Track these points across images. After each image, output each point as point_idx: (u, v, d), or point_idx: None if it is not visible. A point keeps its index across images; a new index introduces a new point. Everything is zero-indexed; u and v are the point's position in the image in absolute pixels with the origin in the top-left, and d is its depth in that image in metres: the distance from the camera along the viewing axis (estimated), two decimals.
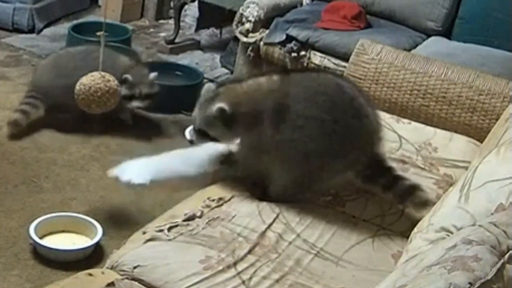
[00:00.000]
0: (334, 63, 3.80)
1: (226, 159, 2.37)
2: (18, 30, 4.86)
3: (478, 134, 2.65)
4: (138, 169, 2.40)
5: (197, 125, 2.31)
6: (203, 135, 2.31)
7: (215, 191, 2.30)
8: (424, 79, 2.78)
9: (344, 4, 4.13)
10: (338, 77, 2.53)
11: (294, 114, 2.21)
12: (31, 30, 4.89)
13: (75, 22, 4.99)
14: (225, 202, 2.23)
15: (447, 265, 1.43)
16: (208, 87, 2.34)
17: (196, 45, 5.06)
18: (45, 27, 5.00)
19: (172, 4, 5.15)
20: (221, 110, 2.22)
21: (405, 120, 2.67)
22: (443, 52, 3.61)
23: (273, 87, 2.26)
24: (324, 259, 2.06)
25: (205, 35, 5.24)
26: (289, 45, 3.92)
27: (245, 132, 2.26)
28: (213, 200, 2.23)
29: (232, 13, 4.27)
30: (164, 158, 2.42)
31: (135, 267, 1.92)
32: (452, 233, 1.84)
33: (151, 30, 5.34)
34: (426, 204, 2.20)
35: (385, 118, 2.61)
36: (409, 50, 3.65)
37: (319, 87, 2.28)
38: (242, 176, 2.36)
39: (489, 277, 1.39)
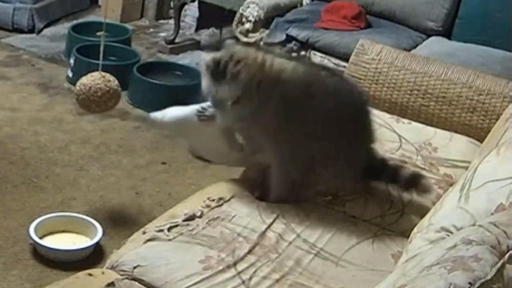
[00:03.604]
0: (334, 63, 3.80)
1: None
2: (18, 30, 4.87)
3: (478, 134, 2.65)
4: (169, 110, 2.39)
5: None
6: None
7: (215, 191, 2.30)
8: (424, 79, 2.77)
9: (344, 4, 4.13)
10: (343, 77, 2.53)
11: (307, 108, 2.20)
12: (31, 30, 4.90)
13: (75, 22, 5.00)
14: (225, 202, 2.23)
15: (447, 265, 1.44)
16: (231, 42, 2.32)
17: (196, 45, 5.06)
18: (45, 27, 5.00)
19: (172, 4, 5.15)
20: (206, 63, 2.17)
21: (405, 120, 2.67)
22: (443, 52, 3.61)
23: (298, 80, 2.21)
24: (324, 259, 2.06)
25: (205, 35, 5.24)
26: (289, 45, 3.92)
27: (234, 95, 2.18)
28: (213, 200, 2.23)
29: (232, 13, 4.27)
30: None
31: (135, 267, 1.92)
32: (452, 233, 1.84)
33: (151, 30, 5.34)
34: (430, 190, 2.26)
35: (385, 118, 2.61)
36: (409, 50, 3.66)
37: (331, 86, 2.27)
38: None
39: (489, 277, 1.39)
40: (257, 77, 2.15)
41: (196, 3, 4.93)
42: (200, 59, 2.22)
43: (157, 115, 2.39)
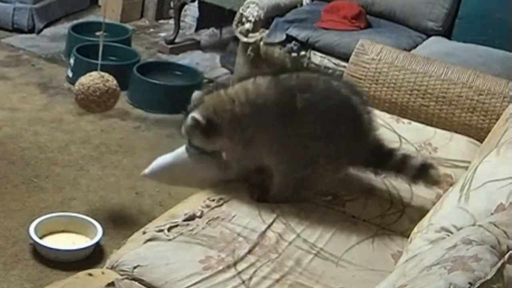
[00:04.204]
0: (334, 63, 3.80)
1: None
2: (18, 30, 4.87)
3: (478, 134, 2.65)
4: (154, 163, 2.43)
5: (183, 133, 2.31)
6: (190, 144, 2.32)
7: (215, 191, 2.30)
8: (424, 79, 2.77)
9: (344, 4, 4.13)
10: (329, 76, 2.52)
11: (297, 114, 2.20)
12: (31, 30, 4.90)
13: (75, 22, 5.01)
14: (225, 202, 2.23)
15: (447, 265, 1.44)
16: (195, 94, 2.34)
17: (196, 45, 5.06)
18: (45, 27, 5.00)
19: (172, 4, 5.15)
20: (195, 120, 2.21)
21: (405, 120, 2.67)
22: (443, 52, 3.61)
23: (263, 91, 2.23)
24: (324, 259, 2.06)
25: (205, 35, 5.24)
26: (289, 45, 3.92)
27: (230, 139, 2.25)
28: (213, 200, 2.23)
29: (232, 13, 4.27)
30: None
31: (135, 267, 1.92)
32: (452, 233, 1.84)
33: (151, 30, 5.34)
34: (439, 181, 2.24)
35: (385, 118, 2.61)
36: (409, 50, 3.65)
37: (316, 88, 2.27)
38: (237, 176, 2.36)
39: (489, 277, 1.39)
40: (236, 111, 2.20)
41: (196, 3, 4.93)
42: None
43: (147, 171, 2.43)
